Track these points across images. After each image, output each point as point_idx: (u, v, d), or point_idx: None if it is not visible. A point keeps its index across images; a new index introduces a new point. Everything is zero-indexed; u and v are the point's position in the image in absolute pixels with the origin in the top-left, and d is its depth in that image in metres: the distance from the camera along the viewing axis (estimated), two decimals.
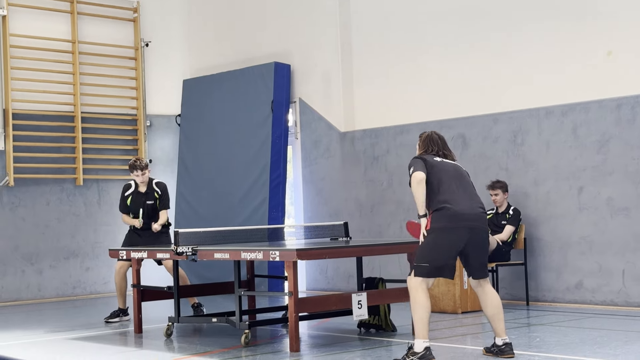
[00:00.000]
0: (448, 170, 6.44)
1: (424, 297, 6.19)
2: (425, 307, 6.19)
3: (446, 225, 6.23)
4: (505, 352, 6.37)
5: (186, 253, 7.65)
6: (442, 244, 6.23)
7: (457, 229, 6.23)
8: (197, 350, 7.35)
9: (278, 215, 12.17)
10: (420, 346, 6.12)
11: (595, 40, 9.50)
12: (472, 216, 6.32)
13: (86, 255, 12.75)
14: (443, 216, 6.24)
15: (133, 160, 9.58)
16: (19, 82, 12.31)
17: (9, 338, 8.51)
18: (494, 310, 6.42)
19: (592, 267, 9.46)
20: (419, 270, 6.23)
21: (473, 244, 6.33)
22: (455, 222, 6.23)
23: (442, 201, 6.26)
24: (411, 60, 11.23)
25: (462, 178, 6.50)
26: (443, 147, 6.62)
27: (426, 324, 6.17)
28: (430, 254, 6.23)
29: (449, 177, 6.39)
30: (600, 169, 9.44)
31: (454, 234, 6.24)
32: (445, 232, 6.23)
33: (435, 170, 6.37)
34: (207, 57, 13.70)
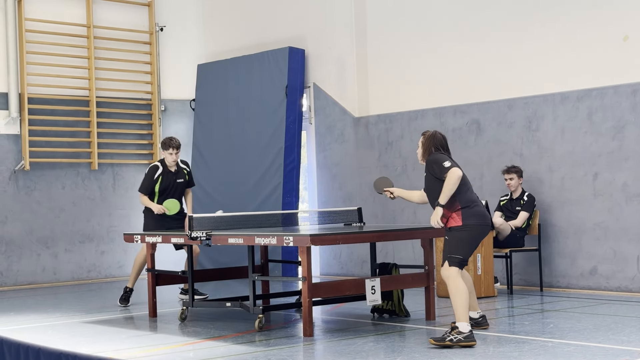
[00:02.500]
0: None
1: (462, 284, 6.59)
2: (466, 292, 6.60)
3: (479, 223, 6.70)
4: (482, 324, 7.07)
5: (200, 238, 7.68)
6: (476, 240, 6.73)
7: (485, 227, 6.77)
8: (211, 335, 7.39)
9: (292, 201, 12.18)
10: (466, 328, 6.42)
11: (611, 26, 9.43)
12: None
13: (101, 239, 12.82)
14: (475, 214, 6.71)
15: (168, 138, 9.62)
16: (34, 67, 12.35)
17: (25, 321, 8.58)
18: (470, 288, 6.99)
19: (606, 253, 9.43)
20: (456, 262, 6.64)
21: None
22: (484, 220, 6.77)
23: (472, 200, 6.75)
24: (426, 45, 11.18)
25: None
26: (446, 148, 6.96)
27: (467, 308, 6.61)
28: (466, 247, 6.67)
29: (467, 178, 6.87)
30: (616, 155, 9.39)
31: (483, 232, 6.76)
32: (479, 229, 6.71)
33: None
34: (222, 41, 13.70)
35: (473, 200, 6.76)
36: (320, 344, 6.84)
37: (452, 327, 6.43)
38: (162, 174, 9.54)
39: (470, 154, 10.58)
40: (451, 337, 6.35)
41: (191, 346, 6.94)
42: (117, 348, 6.84)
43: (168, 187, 9.56)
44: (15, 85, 12.11)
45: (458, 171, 6.62)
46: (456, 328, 6.41)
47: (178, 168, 9.66)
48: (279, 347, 6.66)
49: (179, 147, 9.58)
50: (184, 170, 9.72)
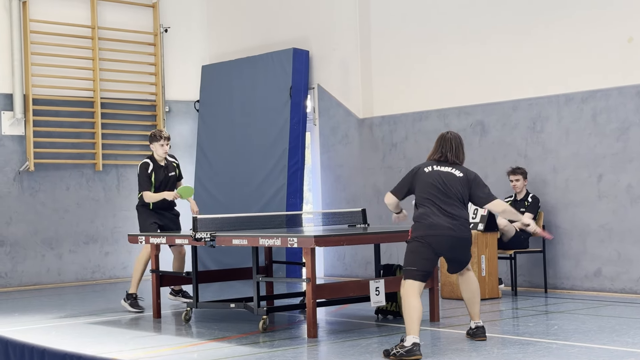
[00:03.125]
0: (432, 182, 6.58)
1: (414, 301, 6.32)
2: (415, 310, 6.29)
3: (425, 234, 6.46)
4: (477, 335, 6.74)
5: (205, 239, 7.68)
6: (425, 250, 6.47)
7: (433, 237, 6.45)
8: (216, 336, 7.39)
9: (296, 202, 12.19)
10: (409, 340, 6.14)
11: (616, 27, 9.42)
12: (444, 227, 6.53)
13: (105, 240, 12.83)
14: (423, 226, 6.49)
15: (158, 130, 9.47)
16: (39, 68, 12.37)
17: (29, 322, 8.59)
18: (470, 295, 6.80)
19: (611, 254, 9.42)
20: (407, 274, 6.45)
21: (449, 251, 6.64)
22: (432, 231, 6.46)
23: (423, 214, 6.52)
24: (430, 46, 11.18)
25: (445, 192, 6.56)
26: (452, 149, 6.74)
27: (416, 322, 6.25)
28: (412, 258, 6.48)
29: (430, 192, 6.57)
30: (620, 156, 9.38)
31: (433, 242, 6.45)
32: (425, 239, 6.46)
33: (419, 183, 6.63)
34: (226, 43, 13.71)
35: (425, 214, 6.48)
36: (325, 345, 6.84)
37: (401, 339, 6.23)
38: (154, 169, 9.37)
39: (475, 155, 10.56)
40: (394, 351, 6.13)
41: (195, 347, 6.94)
42: (121, 349, 6.85)
43: (162, 182, 9.39)
44: (20, 86, 12.13)
45: (386, 197, 6.78)
46: (402, 341, 6.18)
47: (167, 162, 9.47)
48: (283, 349, 6.66)
49: (169, 138, 9.44)
50: (174, 164, 9.53)
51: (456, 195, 6.56)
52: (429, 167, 6.67)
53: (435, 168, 6.66)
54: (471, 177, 6.69)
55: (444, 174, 6.61)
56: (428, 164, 6.71)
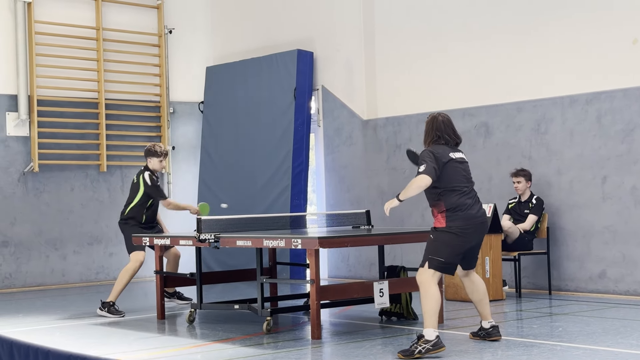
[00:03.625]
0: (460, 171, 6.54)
1: (435, 290, 6.38)
2: (437, 299, 6.36)
3: (464, 225, 6.41)
4: (493, 335, 6.65)
5: (209, 240, 7.68)
6: (461, 243, 6.45)
7: (472, 227, 6.45)
8: (220, 337, 7.39)
9: (300, 203, 12.19)
10: (432, 334, 6.19)
11: (621, 29, 9.41)
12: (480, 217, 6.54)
13: (109, 241, 12.84)
14: (461, 217, 6.42)
15: (159, 145, 9.33)
16: (43, 69, 12.39)
17: (34, 323, 8.60)
18: (480, 296, 6.71)
19: (615, 256, 9.41)
20: (435, 264, 6.45)
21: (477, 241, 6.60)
22: (471, 222, 6.43)
23: (461, 204, 6.43)
24: (434, 48, 11.18)
25: (469, 179, 6.62)
26: (451, 133, 6.65)
27: (436, 314, 6.32)
28: (448, 250, 6.44)
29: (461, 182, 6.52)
30: (625, 158, 9.37)
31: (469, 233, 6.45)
32: (465, 231, 6.42)
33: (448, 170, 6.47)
34: (230, 44, 13.72)
35: (462, 204, 6.42)
36: (328, 346, 6.84)
37: (419, 337, 6.22)
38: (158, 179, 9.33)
39: (479, 157, 10.56)
40: (419, 348, 6.12)
41: (199, 348, 6.94)
42: (125, 350, 6.85)
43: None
44: (25, 87, 12.15)
45: (423, 179, 6.38)
46: (422, 337, 6.18)
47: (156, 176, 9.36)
48: (287, 350, 6.66)
49: (167, 155, 9.40)
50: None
51: (472, 182, 6.63)
52: (450, 154, 6.55)
53: (456, 155, 6.57)
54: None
55: (462, 161, 6.59)
56: (447, 151, 6.56)
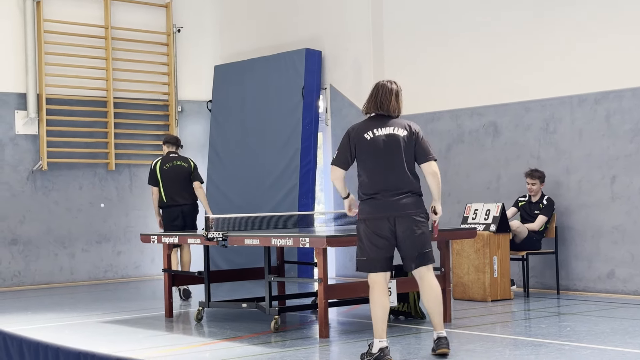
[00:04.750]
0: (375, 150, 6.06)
1: (375, 295, 5.99)
2: (378, 306, 5.98)
3: (366, 217, 6.03)
4: (440, 346, 6.08)
5: (217, 239, 7.70)
6: (370, 234, 6.04)
7: (372, 220, 6.01)
8: (227, 335, 7.41)
9: (308, 202, 12.19)
10: (376, 346, 5.93)
11: (630, 28, 9.38)
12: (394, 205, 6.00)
13: (118, 240, 12.87)
14: (365, 206, 6.04)
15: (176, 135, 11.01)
16: (52, 67, 12.42)
17: (42, 321, 8.63)
18: (430, 304, 6.12)
19: (624, 256, 9.38)
20: (359, 265, 6.10)
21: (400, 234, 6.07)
22: (373, 214, 6.00)
23: (366, 193, 6.07)
24: (442, 47, 11.17)
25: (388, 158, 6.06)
26: (383, 104, 6.18)
27: (380, 323, 5.94)
28: (361, 245, 6.10)
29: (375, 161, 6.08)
30: (634, 157, 9.34)
31: (372, 225, 6.01)
32: (367, 222, 6.03)
33: (362, 152, 6.08)
34: (239, 43, 13.73)
35: (367, 193, 6.02)
36: (336, 345, 6.85)
37: (368, 346, 6.02)
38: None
39: (487, 156, 10.55)
40: (366, 358, 5.95)
41: (207, 347, 6.96)
42: (134, 348, 6.87)
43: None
44: (34, 85, 12.18)
45: (334, 172, 6.12)
46: (370, 346, 5.97)
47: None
48: (294, 348, 6.67)
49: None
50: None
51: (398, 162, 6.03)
52: (368, 132, 6.09)
53: (372, 136, 6.09)
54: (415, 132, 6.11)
55: (382, 138, 6.09)
56: (369, 127, 6.10)
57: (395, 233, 6.05)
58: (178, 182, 10.29)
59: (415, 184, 6.11)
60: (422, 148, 6.18)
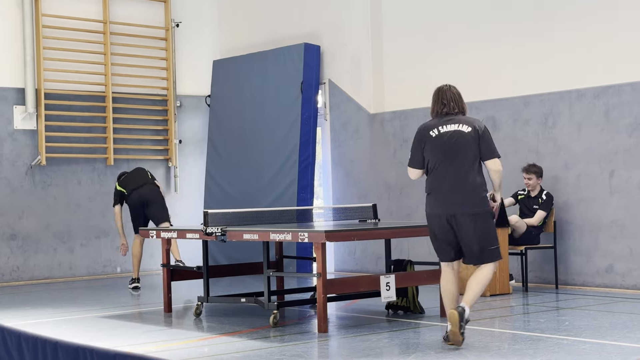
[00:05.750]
0: (441, 147, 6.37)
1: (443, 281, 6.42)
2: (445, 290, 6.40)
3: (427, 213, 6.43)
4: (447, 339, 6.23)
5: (215, 233, 7.69)
6: (432, 230, 6.46)
7: (431, 217, 6.41)
8: (226, 330, 7.41)
9: (307, 197, 12.19)
10: (448, 326, 6.23)
11: (629, 22, 9.38)
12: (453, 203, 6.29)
13: (116, 235, 12.81)
14: (427, 203, 6.43)
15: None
16: (51, 62, 12.40)
17: (41, 316, 8.63)
18: (471, 280, 6.31)
19: (623, 251, 9.39)
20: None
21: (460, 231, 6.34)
22: (431, 210, 6.39)
23: (430, 188, 6.41)
24: (441, 41, 11.16)
25: (454, 155, 6.34)
26: (451, 102, 6.52)
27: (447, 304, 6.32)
28: (431, 238, 6.52)
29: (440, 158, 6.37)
30: (632, 152, 9.34)
31: (432, 223, 6.43)
32: (429, 219, 6.44)
33: (428, 149, 6.42)
34: (237, 38, 13.71)
35: (431, 188, 6.39)
36: (335, 340, 6.85)
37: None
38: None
39: None
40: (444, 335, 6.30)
41: (206, 341, 6.96)
42: (132, 343, 6.87)
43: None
44: (32, 80, 12.17)
45: (411, 173, 6.52)
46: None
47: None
48: (293, 343, 6.67)
49: None
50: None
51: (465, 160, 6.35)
52: (433, 130, 6.49)
53: (438, 133, 6.45)
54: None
55: (450, 135, 6.43)
56: (433, 126, 6.51)
57: (454, 228, 6.34)
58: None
59: (479, 179, 6.36)
60: (486, 145, 6.41)
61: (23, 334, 6.99)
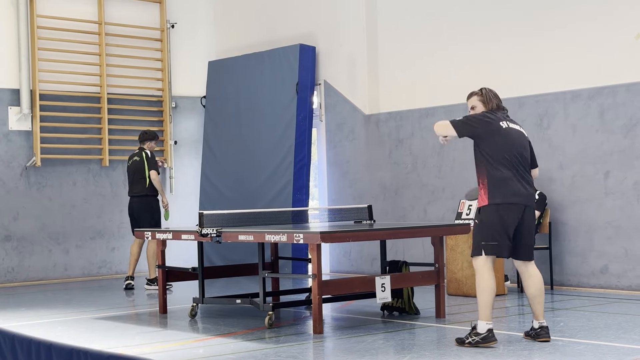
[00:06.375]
0: (512, 142, 6.41)
1: (488, 278, 6.30)
2: (490, 289, 6.28)
3: (503, 202, 6.28)
4: (541, 336, 6.40)
5: (211, 234, 7.69)
6: (502, 221, 6.30)
7: (511, 206, 6.29)
8: (221, 331, 7.40)
9: (302, 198, 12.19)
10: (483, 327, 6.22)
11: (624, 23, 9.39)
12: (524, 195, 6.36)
13: (112, 236, 12.85)
14: (502, 193, 6.29)
15: (155, 131, 11.52)
16: (46, 63, 12.38)
17: (36, 317, 8.62)
18: (533, 292, 6.44)
19: (618, 252, 9.40)
20: (479, 250, 6.34)
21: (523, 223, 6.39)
22: (510, 199, 6.28)
23: (503, 177, 6.31)
24: (437, 42, 11.16)
25: (523, 152, 6.47)
26: (500, 102, 6.58)
27: (489, 306, 6.25)
28: (489, 230, 6.33)
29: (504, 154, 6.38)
30: (627, 153, 9.36)
31: (509, 210, 6.29)
32: (504, 208, 6.29)
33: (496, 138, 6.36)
34: (233, 38, 13.71)
35: (505, 177, 6.27)
36: (330, 341, 6.85)
37: (472, 327, 6.28)
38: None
39: None
40: (469, 340, 6.20)
41: (201, 342, 6.95)
42: (127, 344, 6.86)
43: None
44: (27, 81, 12.15)
45: (447, 127, 6.45)
46: (475, 328, 6.24)
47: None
48: (288, 344, 6.67)
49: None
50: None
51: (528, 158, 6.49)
52: (502, 122, 6.40)
53: (507, 125, 6.41)
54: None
55: (518, 133, 6.47)
56: (501, 119, 6.42)
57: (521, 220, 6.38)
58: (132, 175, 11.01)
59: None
60: (533, 154, 6.69)
61: (17, 336, 6.98)
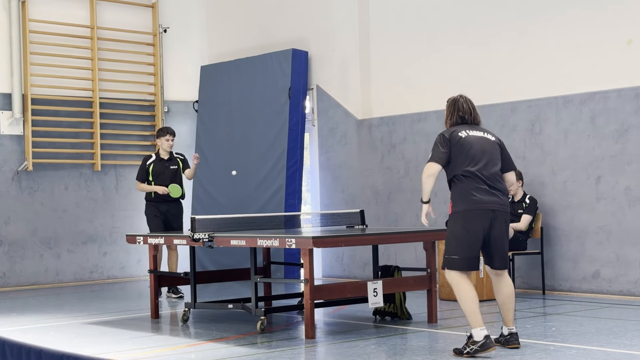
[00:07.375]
0: (472, 148, 6.33)
1: (466, 287, 6.21)
2: (471, 296, 6.21)
3: (467, 208, 6.21)
4: (511, 342, 6.39)
5: (203, 239, 7.68)
6: (467, 229, 6.22)
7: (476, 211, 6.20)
8: (213, 336, 7.39)
9: (294, 202, 12.19)
10: (479, 335, 6.12)
11: (615, 29, 9.43)
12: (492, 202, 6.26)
13: (104, 240, 12.82)
14: (466, 200, 6.24)
15: (165, 126, 10.97)
16: (37, 68, 12.36)
17: (27, 322, 8.59)
18: (503, 299, 6.43)
19: (609, 257, 9.42)
20: (448, 263, 6.28)
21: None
22: (475, 205, 6.19)
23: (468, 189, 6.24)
24: (429, 48, 11.19)
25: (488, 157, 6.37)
26: (470, 113, 6.50)
27: (477, 313, 6.17)
28: (455, 243, 6.27)
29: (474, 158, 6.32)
30: (619, 158, 9.39)
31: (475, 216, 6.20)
32: (468, 214, 6.21)
33: (456, 150, 6.31)
34: (225, 43, 13.71)
35: (467, 186, 6.20)
36: (322, 346, 6.84)
37: (468, 337, 6.21)
38: (153, 162, 10.44)
39: None
40: (468, 349, 6.11)
41: (193, 348, 6.94)
42: (119, 349, 6.85)
43: (160, 173, 10.40)
44: (19, 86, 12.13)
45: (432, 167, 6.23)
46: (471, 337, 6.16)
47: (171, 157, 10.51)
48: (280, 349, 6.66)
49: (174, 134, 10.54)
50: (178, 159, 10.57)
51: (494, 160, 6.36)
52: (461, 132, 6.34)
53: (466, 134, 6.35)
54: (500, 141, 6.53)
55: (479, 138, 6.38)
56: (462, 129, 6.37)
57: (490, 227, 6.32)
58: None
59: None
60: (508, 157, 6.59)
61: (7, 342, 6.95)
